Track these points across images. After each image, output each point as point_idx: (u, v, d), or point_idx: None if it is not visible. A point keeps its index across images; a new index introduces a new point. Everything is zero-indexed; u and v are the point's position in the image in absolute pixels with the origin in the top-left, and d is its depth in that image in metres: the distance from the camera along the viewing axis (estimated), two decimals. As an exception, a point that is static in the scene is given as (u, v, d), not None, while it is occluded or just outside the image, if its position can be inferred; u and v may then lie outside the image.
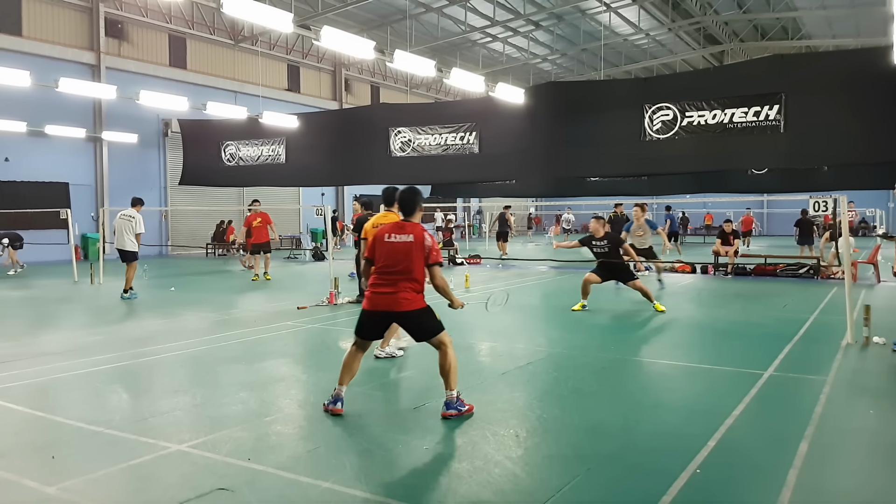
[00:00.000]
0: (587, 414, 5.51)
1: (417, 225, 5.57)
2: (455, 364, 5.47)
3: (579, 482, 4.06)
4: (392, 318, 5.57)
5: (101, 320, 10.64)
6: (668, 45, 35.88)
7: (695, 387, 6.49)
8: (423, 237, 5.45)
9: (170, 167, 26.59)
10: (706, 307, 12.08)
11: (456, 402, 5.36)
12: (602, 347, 8.22)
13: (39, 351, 8.06)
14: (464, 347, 8.27)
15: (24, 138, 22.08)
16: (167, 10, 26.31)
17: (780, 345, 7.99)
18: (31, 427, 5.23)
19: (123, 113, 24.55)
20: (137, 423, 5.24)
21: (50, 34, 22.87)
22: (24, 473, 4.24)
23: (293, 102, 30.79)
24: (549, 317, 11.38)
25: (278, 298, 12.89)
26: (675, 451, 4.52)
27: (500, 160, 15.87)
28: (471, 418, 5.27)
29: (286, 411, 5.65)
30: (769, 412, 5.53)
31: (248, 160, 21.00)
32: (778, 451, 4.54)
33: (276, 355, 7.86)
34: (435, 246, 5.55)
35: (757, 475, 4.19)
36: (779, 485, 3.98)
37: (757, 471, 4.25)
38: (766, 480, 4.08)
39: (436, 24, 30.44)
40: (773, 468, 4.24)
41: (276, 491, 3.99)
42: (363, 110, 24.03)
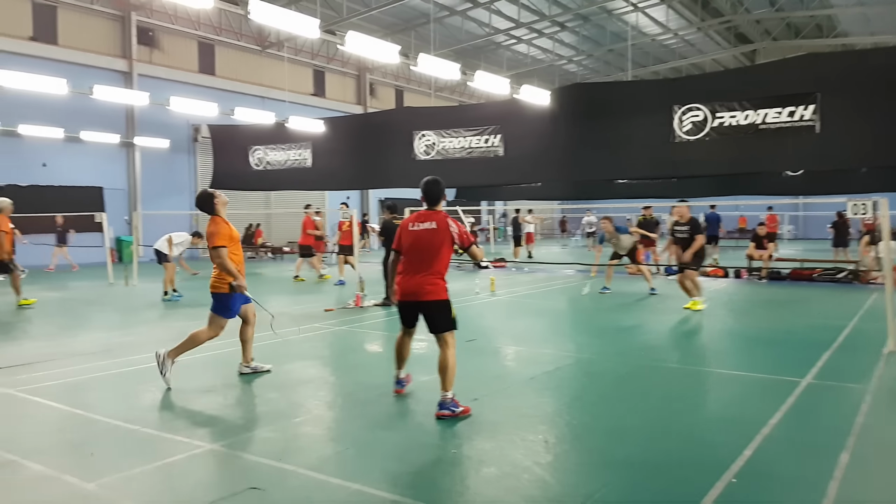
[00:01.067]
0: (618, 421, 5.44)
1: (441, 212, 5.71)
2: (454, 366, 5.54)
3: (609, 490, 4.00)
4: (419, 308, 5.67)
5: (135, 321, 10.78)
6: (698, 44, 35.46)
7: (729, 394, 6.37)
8: (446, 223, 5.60)
9: (200, 172, 26.94)
10: (740, 312, 11.90)
11: (450, 403, 5.43)
12: (632, 353, 8.12)
13: (76, 350, 8.19)
14: (490, 352, 8.25)
15: (61, 144, 22.54)
16: (196, 18, 26.65)
17: (817, 352, 7.80)
18: (69, 424, 5.32)
19: (155, 119, 24.93)
20: (171, 421, 5.31)
21: (84, 42, 23.30)
22: (63, 470, 4.32)
23: (318, 107, 31.01)
24: (576, 321, 11.30)
25: (305, 301, 12.97)
26: (709, 461, 4.44)
27: (524, 163, 15.79)
28: (498, 422, 5.24)
29: (314, 412, 5.67)
30: (807, 421, 5.40)
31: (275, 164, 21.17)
32: (817, 462, 4.42)
33: (303, 357, 7.90)
34: (462, 229, 5.67)
35: (795, 486, 4.09)
36: (818, 497, 3.87)
37: (795, 482, 4.16)
38: (804, 492, 3.98)
39: (460, 27, 30.45)
40: (812, 479, 4.13)
41: (306, 491, 4.00)
42: (387, 114, 24.13)
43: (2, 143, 21.27)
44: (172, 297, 13.16)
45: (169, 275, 13.39)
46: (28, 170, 21.94)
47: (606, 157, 14.51)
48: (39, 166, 22.31)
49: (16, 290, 12.22)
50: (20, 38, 21.55)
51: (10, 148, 21.50)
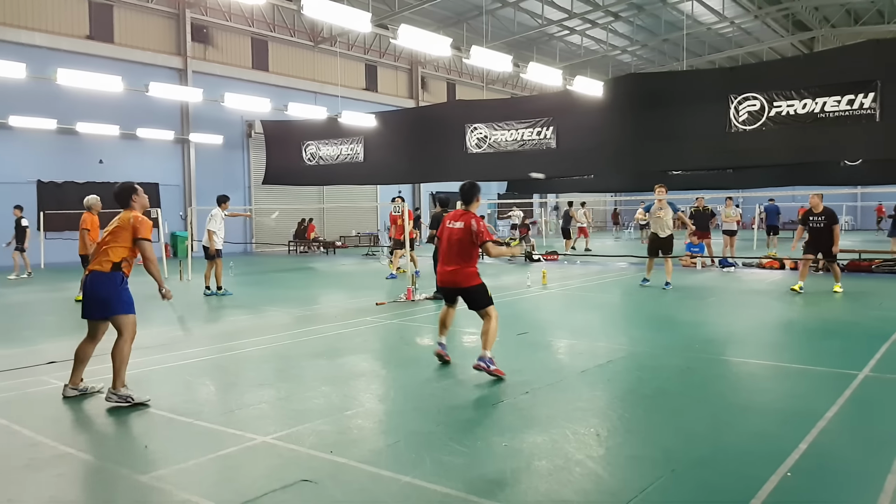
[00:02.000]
0: (672, 415, 5.36)
1: (470, 213, 6.72)
2: (495, 332, 6.59)
3: (663, 483, 3.95)
4: (458, 292, 6.80)
5: (191, 315, 11.04)
6: (755, 32, 34.58)
7: (785, 388, 6.22)
8: (470, 224, 6.60)
9: (253, 167, 27.42)
10: (796, 305, 11.60)
11: (487, 360, 6.36)
12: (687, 346, 7.99)
13: (133, 345, 8.42)
14: (543, 345, 8.21)
15: (117, 141, 23.19)
16: (249, 14, 27.09)
17: (876, 344, 7.59)
18: (124, 417, 5.46)
19: (209, 115, 25.44)
20: (225, 415, 5.41)
21: (140, 41, 23.90)
22: (118, 462, 4.45)
23: (371, 102, 31.22)
24: (629, 314, 11.16)
25: (357, 295, 13.10)
26: (765, 455, 4.35)
27: (578, 155, 15.68)
28: (550, 416, 5.21)
29: (367, 406, 5.73)
30: (865, 415, 5.26)
31: (327, 159, 21.43)
32: (875, 456, 4.31)
33: (356, 351, 7.98)
34: (481, 228, 6.59)
35: (852, 480, 3.99)
36: (876, 491, 3.77)
37: (852, 476, 4.05)
38: (861, 486, 3.88)
39: (512, 19, 30.27)
40: (870, 474, 4.03)
41: (359, 484, 4.04)
42: (439, 108, 24.18)
43: (60, 140, 21.98)
44: (219, 293, 13.19)
45: (211, 270, 13.40)
46: (85, 167, 22.66)
47: (661, 147, 14.32)
48: (96, 163, 23.01)
49: None
50: (77, 37, 22.22)
51: (68, 145, 22.22)
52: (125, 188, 6.09)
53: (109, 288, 5.75)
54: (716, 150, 13.45)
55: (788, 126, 12.43)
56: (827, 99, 12.13)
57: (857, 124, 11.82)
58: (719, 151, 13.46)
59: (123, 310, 5.81)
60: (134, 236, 5.81)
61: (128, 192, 6.07)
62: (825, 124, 12.14)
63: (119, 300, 5.79)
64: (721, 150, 13.34)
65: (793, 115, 12.35)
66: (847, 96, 11.94)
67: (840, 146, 12.48)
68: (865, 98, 11.76)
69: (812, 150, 12.64)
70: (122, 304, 5.80)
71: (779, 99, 12.45)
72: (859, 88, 11.83)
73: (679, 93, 14.15)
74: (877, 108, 11.68)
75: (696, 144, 13.67)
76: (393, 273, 16.21)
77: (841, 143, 12.30)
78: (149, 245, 5.87)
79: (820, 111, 12.15)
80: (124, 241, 5.83)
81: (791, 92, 12.38)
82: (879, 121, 11.62)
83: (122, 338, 5.81)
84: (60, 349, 8.08)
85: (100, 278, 5.76)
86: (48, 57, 20.77)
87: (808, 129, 12.32)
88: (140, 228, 5.83)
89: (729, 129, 12.97)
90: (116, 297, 5.78)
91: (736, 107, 12.87)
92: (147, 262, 5.91)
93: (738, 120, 12.86)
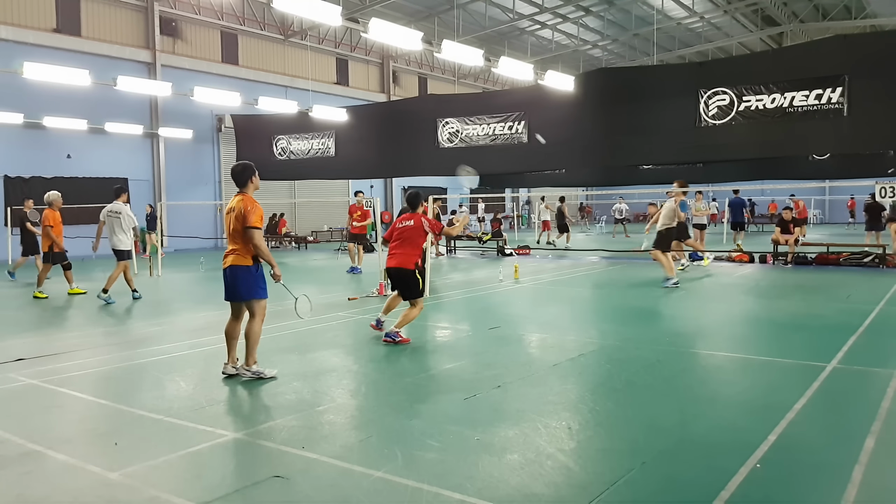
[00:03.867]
0: (641, 407, 5.41)
1: (418, 214, 8.28)
2: (413, 318, 8.06)
3: (634, 476, 3.98)
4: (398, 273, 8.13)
5: (160, 311, 10.92)
6: (724, 27, 34.95)
7: (754, 380, 6.30)
8: (421, 223, 8.15)
9: (223, 162, 27.14)
10: (765, 298, 11.76)
11: (393, 335, 7.84)
12: (656, 340, 8.06)
13: (101, 341, 8.31)
14: (514, 339, 8.24)
15: (85, 135, 22.81)
16: (219, 8, 26.78)
17: (843, 337, 7.72)
18: (94, 414, 5.40)
19: (178, 109, 25.13)
20: (195, 411, 5.35)
21: (108, 34, 23.51)
22: (88, 459, 4.37)
23: (342, 96, 31.07)
24: (600, 308, 11.24)
25: (329, 290, 13.02)
26: (734, 447, 4.40)
27: (549, 149, 15.71)
28: (521, 409, 5.23)
29: (338, 401, 5.70)
30: (832, 406, 5.35)
31: (298, 154, 21.25)
32: (842, 447, 4.38)
33: (327, 346, 7.94)
34: (432, 222, 8.31)
35: (820, 472, 4.05)
36: (844, 481, 3.83)
37: (820, 467, 4.11)
38: (829, 477, 3.94)
39: (483, 13, 30.27)
40: (837, 465, 4.09)
41: (330, 479, 4.02)
42: (411, 102, 24.12)
43: (26, 135, 21.56)
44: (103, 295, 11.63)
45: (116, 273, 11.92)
46: (52, 162, 22.24)
47: (631, 142, 14.40)
48: (64, 158, 22.62)
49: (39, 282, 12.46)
50: (44, 30, 21.79)
51: (35, 140, 21.80)
52: (247, 167, 6.53)
53: (248, 279, 6.32)
54: (686, 144, 13.56)
55: (757, 120, 12.57)
56: (795, 94, 12.28)
57: (825, 119, 11.99)
58: (689, 146, 13.57)
59: (258, 295, 6.37)
60: (243, 224, 6.22)
61: (250, 171, 6.51)
62: (794, 119, 12.29)
63: (256, 286, 6.36)
64: (691, 144, 13.46)
65: (762, 109, 12.49)
66: (815, 91, 12.10)
67: (808, 140, 12.66)
68: (833, 93, 11.92)
69: (781, 145, 12.79)
70: (257, 290, 6.36)
71: (748, 94, 12.59)
72: (827, 83, 11.99)
73: (649, 87, 14.25)
74: (844, 102, 11.85)
75: (666, 139, 13.77)
76: (354, 267, 16.12)
77: (809, 137, 12.47)
78: (258, 233, 6.27)
79: (788, 106, 12.30)
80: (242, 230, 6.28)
81: (760, 87, 12.52)
82: (847, 115, 11.79)
83: (254, 319, 6.39)
84: (28, 346, 7.95)
85: (240, 271, 6.32)
86: (14, 50, 20.39)
87: (776, 124, 12.47)
88: (250, 216, 6.23)
89: (699, 123, 13.10)
90: (254, 284, 6.35)
91: (706, 101, 12.99)
92: (257, 248, 6.28)
93: (707, 114, 12.99)
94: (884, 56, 11.79)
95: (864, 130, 11.77)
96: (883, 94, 11.54)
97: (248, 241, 6.24)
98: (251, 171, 6.51)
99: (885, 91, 11.54)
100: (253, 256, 6.29)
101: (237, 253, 6.28)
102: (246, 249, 6.27)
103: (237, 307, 6.56)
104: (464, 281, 14.44)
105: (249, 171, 6.49)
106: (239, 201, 6.34)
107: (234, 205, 6.36)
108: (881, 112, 11.58)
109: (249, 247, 6.26)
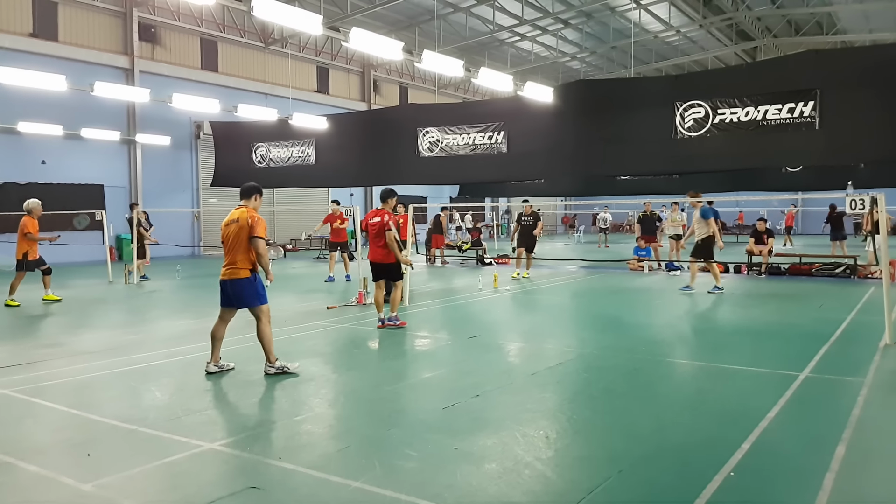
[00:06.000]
0: (619, 415, 5.46)
1: (384, 210, 9.22)
2: (399, 299, 9.48)
3: (611, 484, 4.02)
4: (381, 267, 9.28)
5: (136, 320, 10.81)
6: (700, 41, 35.43)
7: (728, 388, 6.38)
8: (384, 217, 9.10)
9: (202, 169, 26.93)
10: (739, 307, 11.90)
11: (392, 318, 9.27)
12: (633, 348, 8.12)
13: (76, 350, 8.21)
14: (494, 348, 8.26)
15: (61, 141, 22.53)
16: (199, 14, 26.65)
17: (816, 346, 7.85)
18: (67, 425, 5.32)
19: (156, 116, 24.92)
20: (171, 421, 5.30)
21: (85, 39, 23.29)
22: (61, 471, 4.32)
23: (322, 104, 31.01)
24: (579, 317, 11.30)
25: (308, 298, 12.97)
26: (709, 454, 4.46)
27: (528, 159, 15.78)
28: (500, 418, 5.25)
29: (317, 411, 5.68)
30: (805, 414, 5.43)
31: (278, 161, 21.16)
32: (814, 454, 4.45)
33: (306, 355, 7.90)
34: (384, 220, 9.08)
35: (792, 478, 4.11)
36: (815, 488, 3.90)
37: (792, 474, 4.18)
38: (801, 484, 4.01)
39: (464, 24, 30.42)
40: (809, 471, 4.16)
41: (307, 490, 4.01)
42: (391, 111, 24.09)
43: (1, 140, 21.26)
44: None
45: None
46: (27, 167, 21.89)
47: (609, 153, 14.50)
48: (38, 164, 22.27)
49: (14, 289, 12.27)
50: (20, 35, 21.53)
51: (9, 146, 21.48)
52: (257, 186, 7.04)
53: (248, 289, 6.72)
54: (662, 155, 13.67)
55: (732, 133, 12.73)
56: (769, 107, 12.45)
57: (798, 132, 12.16)
58: (665, 157, 13.69)
59: (261, 301, 6.79)
60: (250, 234, 6.60)
61: (257, 190, 7.03)
62: (767, 131, 12.46)
63: (257, 294, 6.76)
64: (667, 155, 13.58)
65: (736, 122, 12.65)
66: (788, 104, 12.28)
67: (781, 153, 12.82)
68: (805, 106, 12.10)
69: (754, 157, 12.95)
70: (259, 297, 6.78)
71: (723, 106, 12.74)
72: (800, 97, 12.17)
73: (626, 99, 14.37)
74: (816, 116, 12.03)
75: (643, 150, 13.88)
76: (332, 276, 16.40)
77: (782, 150, 12.64)
78: (262, 242, 6.64)
79: (762, 119, 12.47)
80: (244, 241, 6.64)
81: (734, 100, 12.69)
82: (819, 128, 11.97)
83: (261, 322, 6.77)
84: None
85: (240, 284, 6.72)
86: (-11, 54, 20.12)
87: (750, 137, 12.63)
88: (256, 227, 6.62)
89: (675, 135, 13.23)
90: (255, 292, 6.75)
91: (681, 114, 13.13)
92: (259, 257, 6.67)
93: (683, 126, 13.14)
94: (854, 71, 12.01)
95: (836, 143, 11.97)
96: (853, 109, 11.75)
97: (250, 250, 6.61)
98: (258, 191, 7.04)
99: (855, 105, 11.75)
100: (252, 266, 6.67)
101: (235, 265, 6.65)
102: (245, 260, 6.63)
103: (229, 312, 6.93)
104: (443, 290, 14.45)
105: (257, 190, 7.03)
106: (243, 213, 6.71)
107: (236, 216, 6.72)
108: (851, 126, 11.79)
109: (248, 257, 6.63)
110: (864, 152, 12.57)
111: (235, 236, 6.65)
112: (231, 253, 6.69)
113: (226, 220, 6.86)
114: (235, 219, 6.73)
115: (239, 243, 6.63)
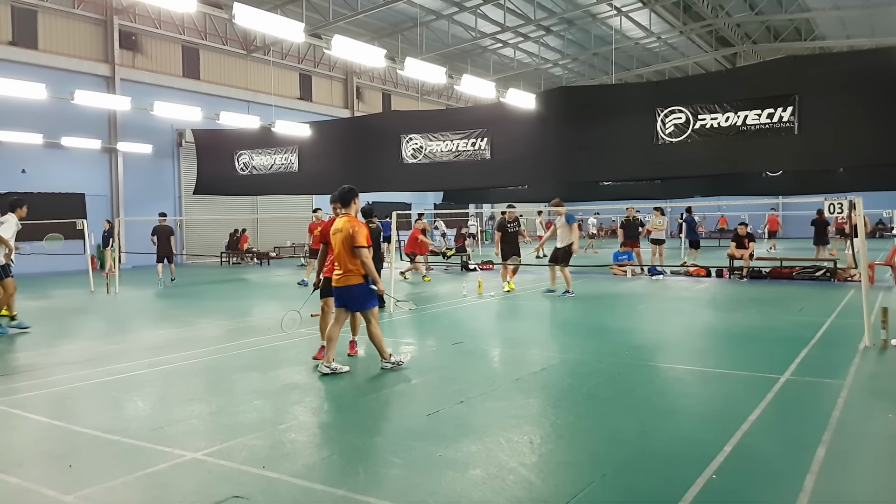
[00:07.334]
0: (602, 420, 5.48)
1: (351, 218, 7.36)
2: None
3: (594, 488, 4.04)
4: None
5: (118, 329, 10.72)
6: (680, 48, 35.76)
7: (710, 392, 6.44)
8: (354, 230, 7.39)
9: (184, 177, 26.79)
10: (721, 311, 11.99)
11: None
12: (616, 353, 8.17)
13: (57, 360, 8.13)
14: (478, 354, 8.27)
15: (41, 150, 22.32)
16: (180, 22, 26.54)
17: (796, 349, 7.92)
18: (48, 436, 5.27)
19: (138, 124, 24.76)
20: (154, 431, 5.26)
21: (65, 47, 23.11)
22: (42, 482, 4.27)
23: (305, 111, 30.96)
24: (562, 322, 11.34)
25: (292, 306, 12.90)
26: (691, 457, 4.49)
27: (511, 166, 15.88)
28: (485, 424, 5.26)
29: (301, 419, 5.66)
30: (786, 417, 5.48)
31: (261, 169, 21.12)
32: (795, 457, 4.49)
33: (290, 363, 7.87)
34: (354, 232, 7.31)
35: (773, 481, 4.15)
36: (796, 490, 3.94)
37: (773, 476, 4.22)
38: (782, 486, 4.05)
39: (446, 31, 30.50)
40: (790, 474, 4.20)
41: (291, 498, 4.00)
42: (375, 118, 24.13)
43: (-20, 149, 21.00)
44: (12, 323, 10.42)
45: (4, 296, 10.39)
46: (7, 176, 21.63)
47: (591, 159, 14.62)
48: (19, 173, 22.04)
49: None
50: None
51: (-11, 154, 21.25)
52: (353, 189, 7.21)
53: (363, 293, 7.06)
54: (644, 161, 13.81)
55: (712, 138, 12.88)
56: (748, 112, 12.61)
57: (777, 137, 12.32)
58: (647, 163, 13.82)
59: (373, 304, 7.18)
60: (352, 244, 6.89)
61: (354, 192, 7.20)
62: (747, 137, 12.61)
63: (370, 298, 7.11)
64: (649, 161, 13.71)
65: (716, 127, 12.80)
66: (767, 110, 12.43)
67: (761, 158, 12.99)
68: (784, 112, 12.27)
69: (735, 162, 13.11)
70: (372, 301, 7.15)
71: (703, 112, 12.89)
72: (779, 102, 12.34)
73: (608, 105, 14.51)
74: (795, 121, 12.20)
75: (625, 156, 14.01)
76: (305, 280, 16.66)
77: (762, 154, 12.80)
78: (366, 251, 6.92)
79: (742, 124, 12.63)
80: (350, 249, 6.93)
81: (714, 105, 12.84)
82: (798, 133, 12.14)
83: (371, 324, 7.17)
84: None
85: (356, 289, 7.03)
86: (-33, 63, 19.91)
87: (731, 142, 12.78)
88: (357, 237, 6.90)
89: (656, 140, 13.36)
90: (368, 296, 7.09)
91: (663, 119, 13.26)
92: (363, 265, 6.93)
93: (664, 132, 13.26)
94: (832, 76, 12.20)
95: (815, 148, 12.14)
96: (831, 114, 11.93)
97: (355, 258, 6.89)
98: (355, 193, 7.19)
99: (833, 110, 11.92)
100: (363, 273, 6.97)
101: (348, 273, 6.96)
102: (356, 267, 6.93)
103: (343, 315, 7.25)
104: (428, 296, 14.46)
105: (354, 193, 7.18)
106: (346, 222, 6.98)
107: (341, 226, 7.01)
108: (830, 130, 11.96)
109: (358, 263, 6.92)
110: (842, 156, 12.75)
111: (341, 245, 6.95)
112: (341, 262, 7.00)
113: (332, 228, 7.20)
114: (340, 228, 7.01)
115: (346, 252, 6.94)
